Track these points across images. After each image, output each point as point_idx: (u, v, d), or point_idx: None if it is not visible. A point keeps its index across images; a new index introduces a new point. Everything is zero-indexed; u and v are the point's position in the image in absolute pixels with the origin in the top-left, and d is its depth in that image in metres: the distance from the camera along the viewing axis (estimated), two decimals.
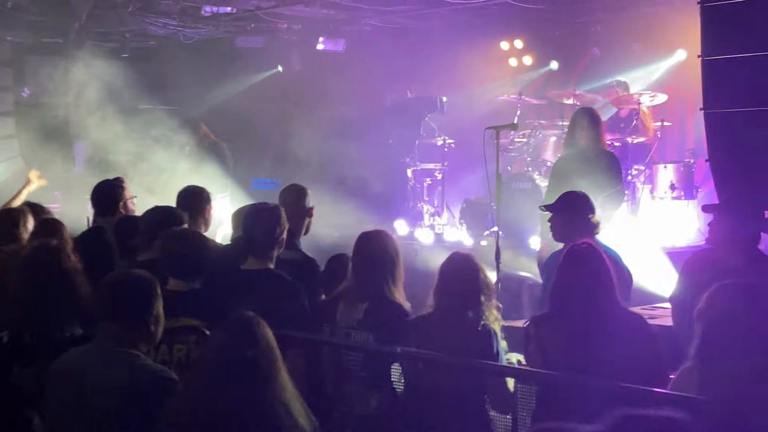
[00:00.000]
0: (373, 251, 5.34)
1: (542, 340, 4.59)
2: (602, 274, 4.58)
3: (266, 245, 5.63)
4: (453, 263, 5.19)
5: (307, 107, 15.21)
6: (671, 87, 12.57)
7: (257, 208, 5.83)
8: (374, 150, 14.00)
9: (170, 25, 14.58)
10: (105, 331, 4.23)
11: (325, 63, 15.51)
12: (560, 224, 6.15)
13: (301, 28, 15.12)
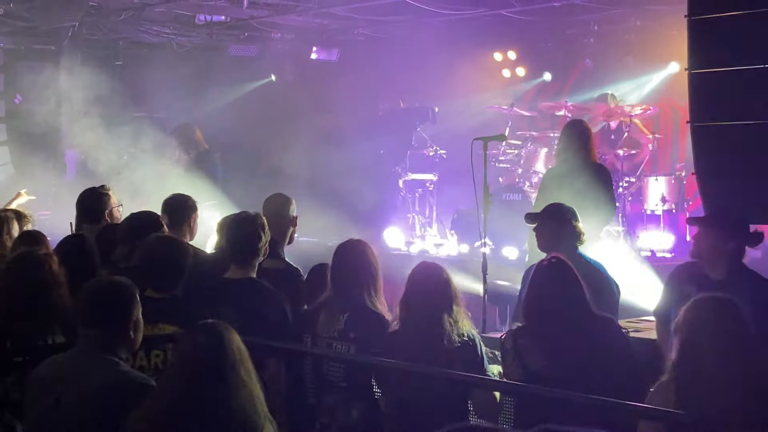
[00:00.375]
0: (351, 261, 5.32)
1: (520, 352, 4.58)
2: (571, 286, 4.59)
3: (248, 254, 5.63)
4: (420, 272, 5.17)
5: (300, 116, 15.20)
6: (664, 99, 12.59)
7: (239, 217, 5.83)
8: (366, 160, 13.99)
9: (163, 33, 14.59)
10: (85, 337, 4.22)
11: (318, 72, 15.51)
12: (544, 235, 6.15)
13: (294, 37, 15.12)
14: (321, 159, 14.40)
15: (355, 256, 5.34)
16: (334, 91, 14.95)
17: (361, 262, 5.31)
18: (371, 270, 5.30)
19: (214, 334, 3.75)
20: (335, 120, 14.88)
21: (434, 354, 4.88)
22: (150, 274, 4.95)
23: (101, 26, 14.06)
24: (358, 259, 5.32)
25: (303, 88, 15.50)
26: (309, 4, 12.97)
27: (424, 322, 4.98)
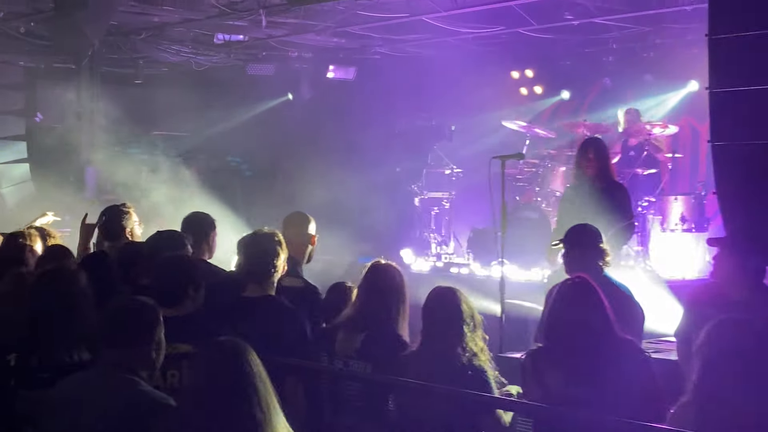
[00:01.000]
0: (380, 283, 5.31)
1: (539, 373, 4.55)
2: (596, 308, 4.55)
3: (265, 272, 5.62)
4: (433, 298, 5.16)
5: (316, 135, 15.24)
6: (684, 118, 12.54)
7: (256, 235, 5.83)
8: (382, 178, 14.01)
9: (183, 52, 14.68)
10: (106, 357, 4.21)
11: (335, 91, 15.56)
12: (571, 257, 6.12)
13: (311, 56, 15.19)
14: (337, 177, 14.41)
15: (385, 278, 5.34)
16: (350, 110, 15.01)
17: (389, 284, 5.31)
18: (398, 293, 5.29)
19: (229, 352, 3.74)
20: (352, 138, 14.90)
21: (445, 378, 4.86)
22: (162, 293, 4.95)
23: (121, 45, 14.16)
24: (386, 281, 5.32)
25: (320, 106, 15.56)
26: (327, 23, 13.02)
27: (437, 347, 4.96)
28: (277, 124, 15.51)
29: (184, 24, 12.96)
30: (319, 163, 14.77)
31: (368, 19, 12.57)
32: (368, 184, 13.75)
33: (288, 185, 15.76)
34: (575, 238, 6.21)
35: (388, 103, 14.35)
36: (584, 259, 6.09)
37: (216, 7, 11.68)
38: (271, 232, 5.85)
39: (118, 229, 6.86)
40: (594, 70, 13.82)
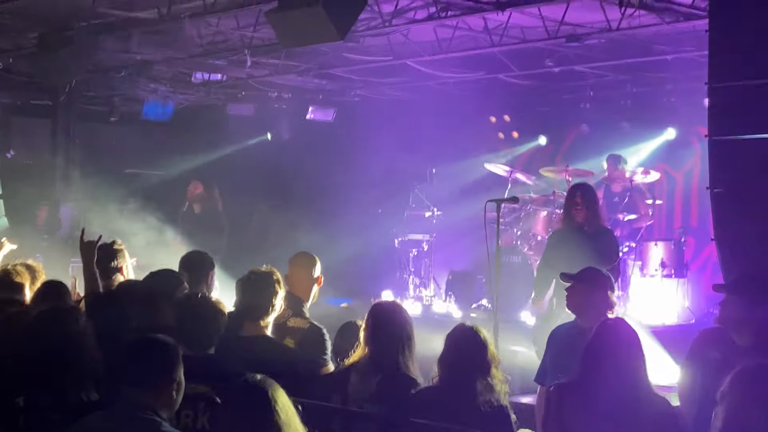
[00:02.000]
0: (388, 323, 5.28)
1: (563, 409, 4.52)
2: (635, 351, 4.54)
3: (262, 310, 5.59)
4: (458, 335, 5.14)
5: (295, 175, 15.21)
6: (660, 165, 12.70)
7: (254, 273, 5.79)
8: (363, 219, 14.01)
9: (160, 91, 14.63)
10: (127, 396, 4.13)
11: (314, 132, 15.57)
12: (579, 296, 6.11)
13: (291, 96, 15.21)
14: (317, 218, 14.40)
15: (392, 317, 5.30)
16: (330, 151, 15.02)
17: (398, 323, 5.28)
18: (407, 331, 5.26)
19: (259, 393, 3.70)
20: (332, 179, 14.90)
21: (466, 416, 4.84)
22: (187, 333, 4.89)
23: (98, 82, 14.08)
24: (394, 320, 5.29)
25: (299, 147, 15.54)
26: (309, 65, 13.07)
27: (458, 383, 4.94)
28: (254, 164, 15.47)
29: (166, 62, 12.93)
30: (298, 203, 14.75)
31: (351, 62, 12.64)
32: (349, 225, 13.74)
33: (264, 225, 15.70)
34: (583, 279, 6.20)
35: (368, 145, 14.38)
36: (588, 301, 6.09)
37: (200, 45, 11.67)
38: (269, 270, 5.83)
39: (110, 267, 6.79)
40: (572, 117, 14.00)
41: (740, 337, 5.46)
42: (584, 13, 10.25)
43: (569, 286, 6.17)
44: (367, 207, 14.19)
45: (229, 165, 15.31)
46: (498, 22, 10.82)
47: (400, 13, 10.35)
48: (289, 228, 14.17)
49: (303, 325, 6.03)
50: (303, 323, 6.04)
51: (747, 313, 5.45)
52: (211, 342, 5.02)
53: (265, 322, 5.67)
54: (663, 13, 9.64)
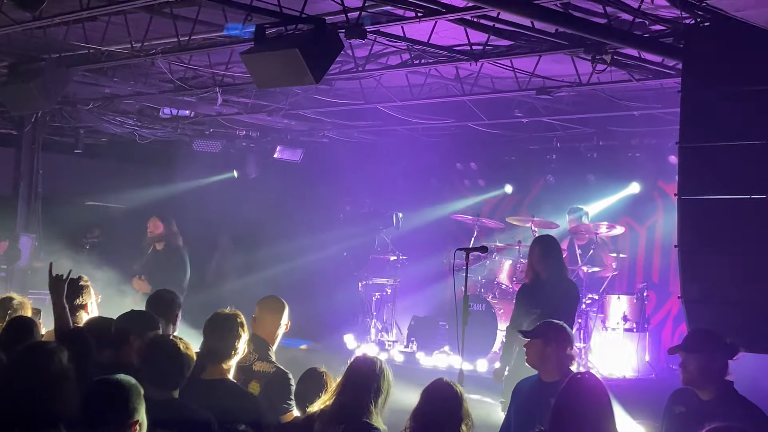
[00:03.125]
0: (364, 376, 5.22)
1: None
2: (604, 407, 4.56)
3: (225, 353, 5.54)
4: (436, 390, 5.10)
5: (261, 214, 15.15)
6: (624, 219, 12.82)
7: (217, 315, 5.74)
8: (328, 262, 13.98)
9: (127, 124, 14.56)
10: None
11: (281, 171, 15.55)
12: (536, 351, 6.11)
13: (259, 135, 15.20)
14: (281, 258, 14.33)
15: (370, 371, 5.25)
16: (296, 191, 15.01)
17: (372, 377, 5.21)
18: (380, 386, 5.20)
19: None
20: (298, 219, 14.87)
21: None
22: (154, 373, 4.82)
23: (65, 114, 14.00)
24: (371, 374, 5.23)
25: (265, 186, 15.51)
26: (280, 105, 13.08)
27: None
28: (219, 201, 15.40)
29: (134, 97, 12.88)
30: (263, 243, 14.69)
31: (322, 104, 12.68)
32: (313, 266, 13.70)
33: (225, 262, 15.61)
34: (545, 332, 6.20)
35: (335, 187, 14.42)
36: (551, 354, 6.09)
37: (171, 82, 11.64)
38: (233, 313, 5.78)
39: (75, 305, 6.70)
40: (538, 167, 14.10)
41: (702, 392, 5.56)
42: (555, 66, 10.38)
43: (527, 342, 6.19)
44: (332, 249, 14.16)
45: (194, 200, 15.23)
46: (469, 71, 10.93)
47: (374, 58, 10.42)
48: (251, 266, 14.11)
49: (269, 369, 5.98)
50: (269, 367, 6.00)
51: (706, 368, 5.53)
52: (177, 384, 4.95)
53: (227, 365, 5.61)
54: (633, 69, 9.78)
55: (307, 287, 13.82)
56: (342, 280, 13.65)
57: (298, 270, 13.85)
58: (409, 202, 14.23)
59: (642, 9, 7.91)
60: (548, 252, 8.56)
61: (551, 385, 5.63)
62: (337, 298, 13.59)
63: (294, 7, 8.19)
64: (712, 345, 5.66)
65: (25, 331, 5.68)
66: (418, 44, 9.52)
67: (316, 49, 7.89)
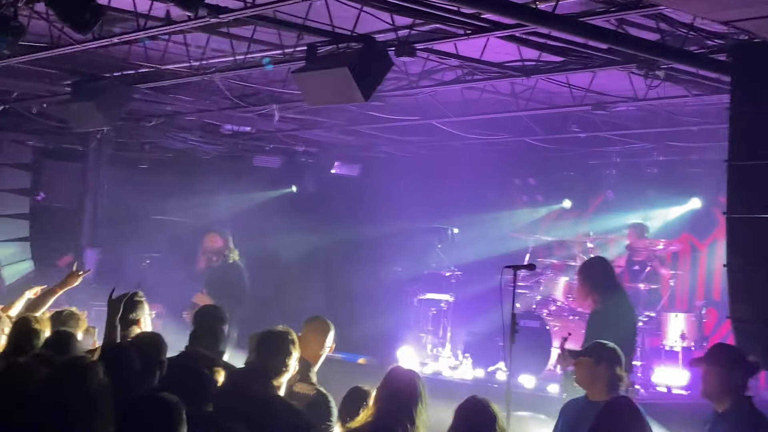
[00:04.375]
0: (400, 390, 5.25)
1: None
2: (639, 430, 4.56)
3: (276, 370, 5.59)
4: (470, 408, 5.11)
5: (319, 229, 15.28)
6: (684, 235, 12.67)
7: (270, 332, 5.80)
8: (383, 277, 14.03)
9: (190, 140, 14.83)
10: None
11: (339, 186, 15.68)
12: (584, 370, 6.10)
13: (317, 150, 15.35)
14: (338, 272, 14.43)
15: (404, 386, 5.27)
16: (353, 206, 15.09)
17: (409, 392, 5.24)
18: (415, 401, 5.23)
19: None
20: (354, 234, 14.96)
21: None
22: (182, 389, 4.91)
23: (130, 130, 14.30)
24: (406, 389, 5.25)
25: (323, 200, 15.64)
26: (336, 121, 13.20)
27: None
28: (278, 216, 15.58)
29: (196, 114, 13.12)
30: (320, 258, 14.80)
31: (377, 120, 12.75)
32: (369, 281, 13.76)
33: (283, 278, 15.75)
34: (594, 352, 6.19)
35: (391, 202, 14.45)
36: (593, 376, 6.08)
37: (229, 99, 11.82)
38: (285, 330, 5.82)
39: (130, 318, 6.84)
40: (597, 182, 13.99)
41: (718, 404, 5.58)
42: (611, 82, 10.31)
43: (576, 361, 6.17)
44: (388, 263, 14.21)
45: (253, 215, 15.43)
46: (525, 87, 10.90)
47: (428, 74, 10.46)
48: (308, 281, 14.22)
49: (309, 391, 6.01)
50: (309, 389, 6.02)
51: (723, 381, 5.53)
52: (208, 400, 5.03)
53: (278, 383, 5.66)
54: (689, 85, 9.68)
55: (362, 302, 13.88)
56: (397, 295, 13.68)
57: (354, 284, 13.92)
58: (465, 218, 14.21)
59: (694, 24, 7.84)
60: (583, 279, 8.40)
61: (598, 405, 5.61)
62: (393, 313, 13.61)
63: (345, 26, 8.31)
64: (732, 360, 5.67)
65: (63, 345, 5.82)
66: (470, 61, 9.55)
67: (366, 68, 7.97)
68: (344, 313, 13.25)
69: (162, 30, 8.74)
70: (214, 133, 14.77)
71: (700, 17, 7.65)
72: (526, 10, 7.25)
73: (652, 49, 8.07)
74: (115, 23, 8.82)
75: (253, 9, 7.50)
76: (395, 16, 8.01)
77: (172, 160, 16.02)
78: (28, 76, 11.41)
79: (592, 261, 8.93)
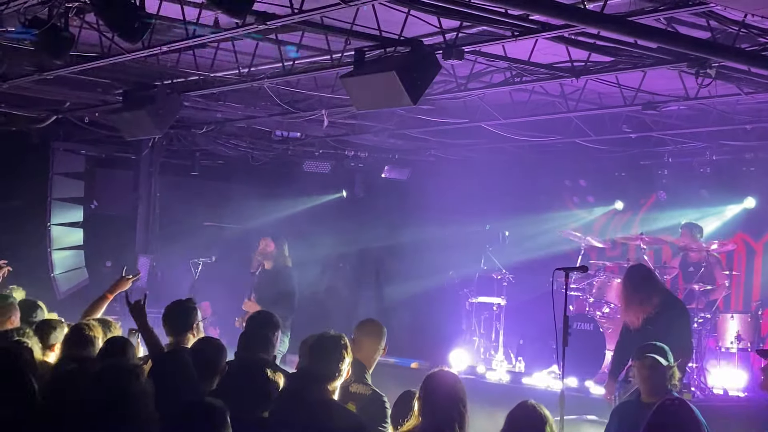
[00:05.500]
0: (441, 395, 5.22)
1: None
2: None
3: (329, 375, 5.59)
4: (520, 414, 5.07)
5: (370, 233, 15.31)
6: (739, 234, 12.49)
7: (322, 337, 5.81)
8: (434, 280, 13.99)
9: (240, 147, 14.93)
10: None
11: (388, 190, 15.69)
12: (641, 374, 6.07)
13: (367, 155, 15.36)
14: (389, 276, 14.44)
15: (445, 389, 5.25)
16: (404, 210, 15.09)
17: (450, 395, 5.22)
18: (459, 405, 5.20)
19: None
20: (404, 238, 14.96)
21: None
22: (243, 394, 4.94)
23: (181, 138, 14.45)
24: (447, 393, 5.23)
25: (373, 204, 15.66)
26: (385, 125, 13.21)
27: None
28: (329, 221, 15.64)
29: (245, 120, 13.21)
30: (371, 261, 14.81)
31: (426, 123, 12.74)
32: (420, 284, 13.73)
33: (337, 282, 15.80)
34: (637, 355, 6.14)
35: (442, 205, 14.42)
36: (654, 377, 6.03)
37: (279, 105, 11.88)
38: (338, 335, 5.82)
39: (184, 325, 6.89)
40: (649, 183, 13.83)
41: None
42: (661, 81, 10.21)
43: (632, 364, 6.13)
44: (439, 267, 14.17)
45: (304, 219, 15.50)
46: (574, 88, 10.83)
47: (476, 77, 10.43)
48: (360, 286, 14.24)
49: (365, 391, 6.03)
50: (365, 390, 6.05)
51: None
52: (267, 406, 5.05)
53: (332, 387, 5.66)
54: (741, 83, 9.54)
55: (414, 306, 13.87)
56: (449, 299, 13.63)
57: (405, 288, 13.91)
58: (516, 220, 14.13)
59: (745, 21, 7.73)
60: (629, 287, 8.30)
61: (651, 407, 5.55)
62: (445, 317, 13.57)
63: (393, 30, 8.31)
64: None
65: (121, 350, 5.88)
66: (519, 62, 9.50)
67: (414, 71, 7.95)
68: (396, 318, 13.29)
69: (211, 38, 8.83)
70: (264, 140, 14.87)
71: (751, 14, 7.53)
72: (575, 11, 7.19)
73: (703, 48, 7.96)
74: (164, 32, 8.92)
75: (301, 15, 7.53)
76: (442, 19, 7.98)
77: (223, 167, 16.13)
78: (81, 86, 11.58)
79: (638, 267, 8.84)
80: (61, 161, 14.07)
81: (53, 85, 11.35)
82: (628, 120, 12.18)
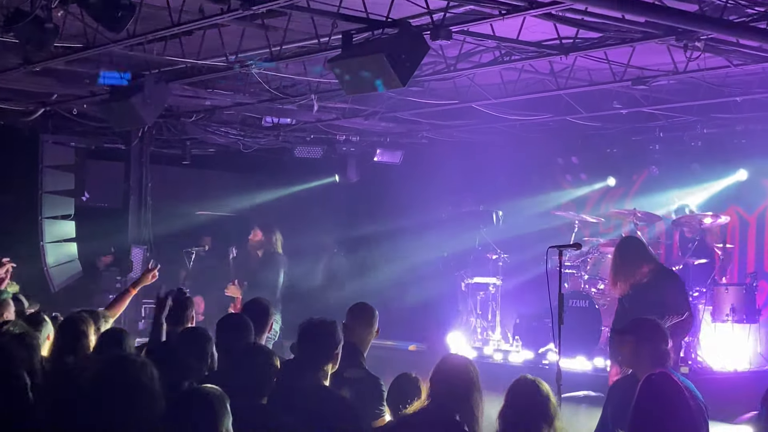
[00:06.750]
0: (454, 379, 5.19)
1: None
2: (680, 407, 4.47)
3: (318, 361, 5.56)
4: (520, 388, 5.04)
5: (363, 216, 15.29)
6: (731, 207, 12.49)
7: (310, 322, 5.78)
8: (429, 262, 13.99)
9: (231, 134, 14.88)
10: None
11: (381, 174, 15.66)
12: (630, 350, 6.00)
13: (358, 139, 15.31)
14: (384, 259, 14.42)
15: (458, 372, 5.22)
16: (397, 193, 15.07)
17: (463, 379, 5.18)
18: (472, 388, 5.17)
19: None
20: (398, 221, 14.94)
21: None
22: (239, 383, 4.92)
23: (171, 127, 14.39)
24: (459, 377, 5.20)
25: (366, 188, 15.64)
26: (376, 108, 13.17)
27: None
28: (322, 206, 15.61)
29: (235, 107, 13.15)
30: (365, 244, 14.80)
31: (417, 105, 12.68)
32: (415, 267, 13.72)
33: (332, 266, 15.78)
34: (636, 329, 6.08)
35: (435, 187, 14.42)
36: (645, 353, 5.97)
37: (268, 91, 11.82)
38: (326, 320, 5.80)
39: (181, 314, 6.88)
40: (641, 158, 13.82)
41: None
42: (650, 56, 10.16)
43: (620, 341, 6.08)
44: (434, 249, 14.17)
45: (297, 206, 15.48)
46: (564, 65, 10.78)
47: (465, 57, 10.38)
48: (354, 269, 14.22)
49: (360, 375, 6.00)
50: (360, 374, 6.02)
51: None
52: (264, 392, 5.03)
53: (324, 372, 5.65)
54: (731, 55, 9.51)
55: (410, 288, 13.87)
56: (444, 281, 13.64)
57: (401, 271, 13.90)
58: (510, 200, 14.12)
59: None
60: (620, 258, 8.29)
61: None
62: (441, 299, 13.58)
63: (380, 12, 8.25)
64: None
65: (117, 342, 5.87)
66: (507, 41, 9.45)
67: (402, 53, 7.90)
68: (392, 301, 13.27)
69: (197, 24, 8.75)
70: (254, 127, 14.81)
71: None
72: None
73: (691, 20, 7.92)
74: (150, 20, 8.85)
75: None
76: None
77: (214, 155, 16.10)
78: (68, 78, 11.51)
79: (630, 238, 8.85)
80: (51, 154, 13.98)
81: (40, 77, 11.28)
82: (619, 96, 12.14)
